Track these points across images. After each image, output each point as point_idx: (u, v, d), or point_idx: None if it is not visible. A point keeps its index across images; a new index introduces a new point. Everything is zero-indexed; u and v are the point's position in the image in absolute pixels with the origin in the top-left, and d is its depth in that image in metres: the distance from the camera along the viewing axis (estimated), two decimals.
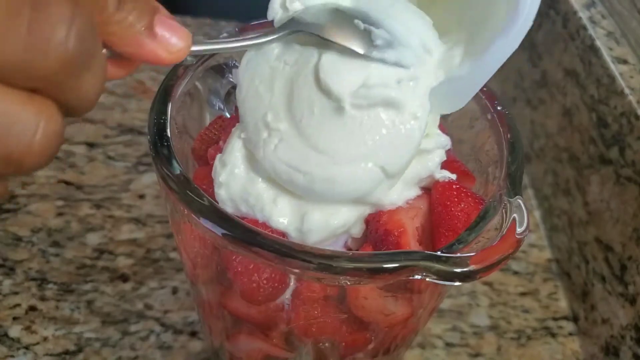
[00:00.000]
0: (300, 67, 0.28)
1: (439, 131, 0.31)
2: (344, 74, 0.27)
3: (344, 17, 0.28)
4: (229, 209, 0.29)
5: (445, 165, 0.31)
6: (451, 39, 0.30)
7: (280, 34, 0.28)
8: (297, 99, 0.28)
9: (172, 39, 0.22)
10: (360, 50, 0.27)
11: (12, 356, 0.43)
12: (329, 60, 0.28)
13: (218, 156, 0.31)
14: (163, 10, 0.22)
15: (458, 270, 0.25)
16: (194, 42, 0.24)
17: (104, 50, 0.21)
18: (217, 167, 0.30)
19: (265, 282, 0.29)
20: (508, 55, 0.27)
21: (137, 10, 0.21)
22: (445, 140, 0.31)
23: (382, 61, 0.27)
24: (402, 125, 0.28)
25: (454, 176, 0.31)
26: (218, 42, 0.27)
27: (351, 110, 0.27)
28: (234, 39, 0.28)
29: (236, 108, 0.35)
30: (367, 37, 0.28)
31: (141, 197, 0.55)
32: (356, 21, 0.28)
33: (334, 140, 0.27)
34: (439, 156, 0.31)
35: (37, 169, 0.18)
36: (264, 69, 0.29)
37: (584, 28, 0.53)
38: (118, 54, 0.22)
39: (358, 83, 0.27)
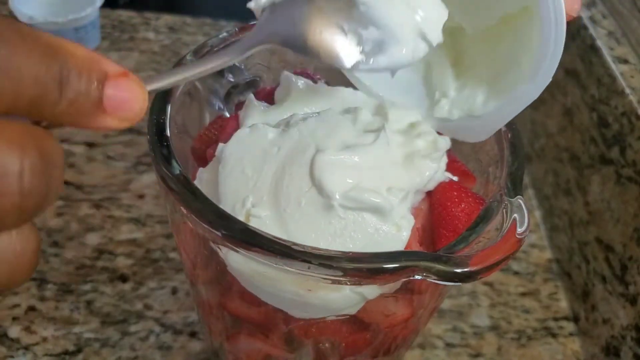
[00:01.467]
0: (295, 155, 0.28)
1: (439, 136, 0.31)
2: (339, 173, 0.27)
3: (324, 15, 0.24)
4: None
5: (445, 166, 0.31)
6: (474, 75, 0.30)
7: (247, 51, 0.24)
8: (286, 188, 0.27)
9: (122, 107, 0.19)
10: (347, 64, 0.24)
11: (12, 356, 0.43)
12: (325, 157, 0.27)
13: (200, 169, 0.31)
14: (112, 68, 0.19)
15: (459, 270, 0.24)
16: (150, 81, 0.21)
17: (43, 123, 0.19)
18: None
19: None
20: (531, 101, 0.27)
21: (82, 91, 0.18)
22: (446, 143, 0.31)
23: (372, 70, 0.25)
24: (384, 234, 0.27)
25: (455, 177, 0.31)
26: (177, 72, 0.23)
27: (339, 210, 0.27)
28: (195, 64, 0.23)
29: (236, 107, 0.35)
30: (353, 40, 0.24)
31: (141, 197, 0.55)
32: (339, 23, 0.24)
33: (316, 238, 0.27)
34: (444, 162, 0.31)
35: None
36: (256, 151, 0.28)
37: (585, 28, 0.53)
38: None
39: (351, 185, 0.27)
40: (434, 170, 0.29)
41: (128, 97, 0.19)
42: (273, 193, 0.28)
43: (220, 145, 0.30)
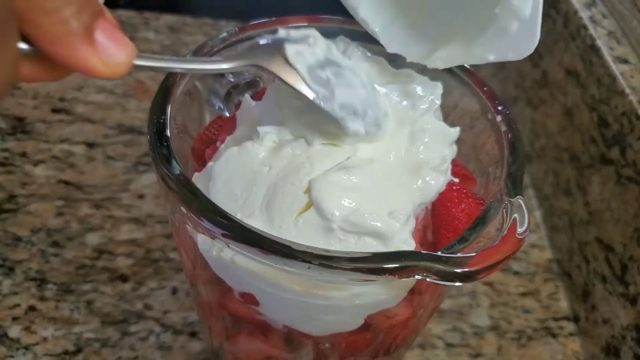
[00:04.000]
0: (288, 174, 0.28)
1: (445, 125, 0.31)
2: (338, 196, 0.27)
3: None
4: None
5: None
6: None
7: (236, 64, 0.26)
8: (278, 206, 0.27)
9: (111, 50, 0.18)
10: (310, 95, 0.27)
11: (12, 356, 0.43)
12: (324, 179, 0.27)
13: (194, 176, 0.30)
14: (109, 16, 0.19)
15: (459, 270, 0.24)
16: (138, 57, 0.21)
17: (25, 46, 0.17)
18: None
19: None
20: None
21: (75, 4, 0.16)
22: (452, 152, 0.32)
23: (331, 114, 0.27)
24: None
25: (456, 179, 0.31)
26: (166, 60, 0.24)
27: (339, 232, 0.27)
28: (184, 59, 0.25)
29: (236, 107, 0.35)
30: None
31: (141, 197, 0.55)
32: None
33: None
34: (450, 171, 0.31)
35: None
36: (245, 171, 0.28)
37: (585, 28, 0.53)
38: (43, 54, 0.18)
39: (351, 209, 0.27)
40: (441, 184, 0.29)
41: (118, 42, 0.19)
42: (265, 211, 0.27)
43: (210, 163, 0.30)
